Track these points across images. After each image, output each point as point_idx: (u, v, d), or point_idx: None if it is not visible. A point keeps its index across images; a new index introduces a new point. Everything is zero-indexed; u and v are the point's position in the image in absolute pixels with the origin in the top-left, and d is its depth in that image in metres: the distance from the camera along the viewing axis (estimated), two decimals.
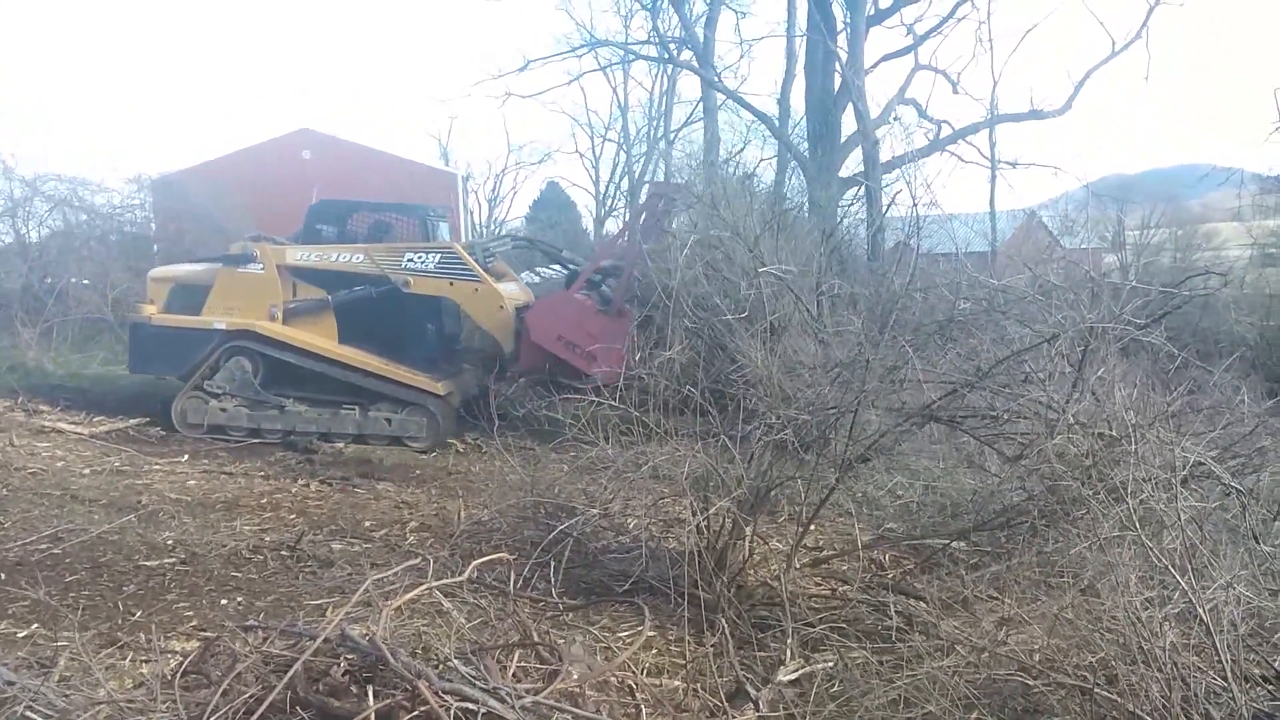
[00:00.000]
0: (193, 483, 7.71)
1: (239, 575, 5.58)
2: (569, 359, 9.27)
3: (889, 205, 14.39)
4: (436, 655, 3.54)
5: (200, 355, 9.74)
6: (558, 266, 12.93)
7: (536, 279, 18.33)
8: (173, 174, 20.92)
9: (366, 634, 3.38)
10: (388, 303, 9.72)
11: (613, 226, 39.33)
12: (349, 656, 3.33)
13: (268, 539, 6.18)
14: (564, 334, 9.32)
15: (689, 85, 34.77)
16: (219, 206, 18.30)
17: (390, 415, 9.43)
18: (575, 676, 3.39)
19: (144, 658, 4.22)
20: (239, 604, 5.14)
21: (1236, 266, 19.73)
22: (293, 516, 6.82)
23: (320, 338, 9.76)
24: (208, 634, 4.35)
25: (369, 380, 9.58)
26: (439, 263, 9.61)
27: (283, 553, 5.91)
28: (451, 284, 9.63)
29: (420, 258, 9.63)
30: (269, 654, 3.45)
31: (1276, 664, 3.64)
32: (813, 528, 5.79)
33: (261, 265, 9.84)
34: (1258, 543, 4.06)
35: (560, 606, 4.88)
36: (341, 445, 9.36)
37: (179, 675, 3.56)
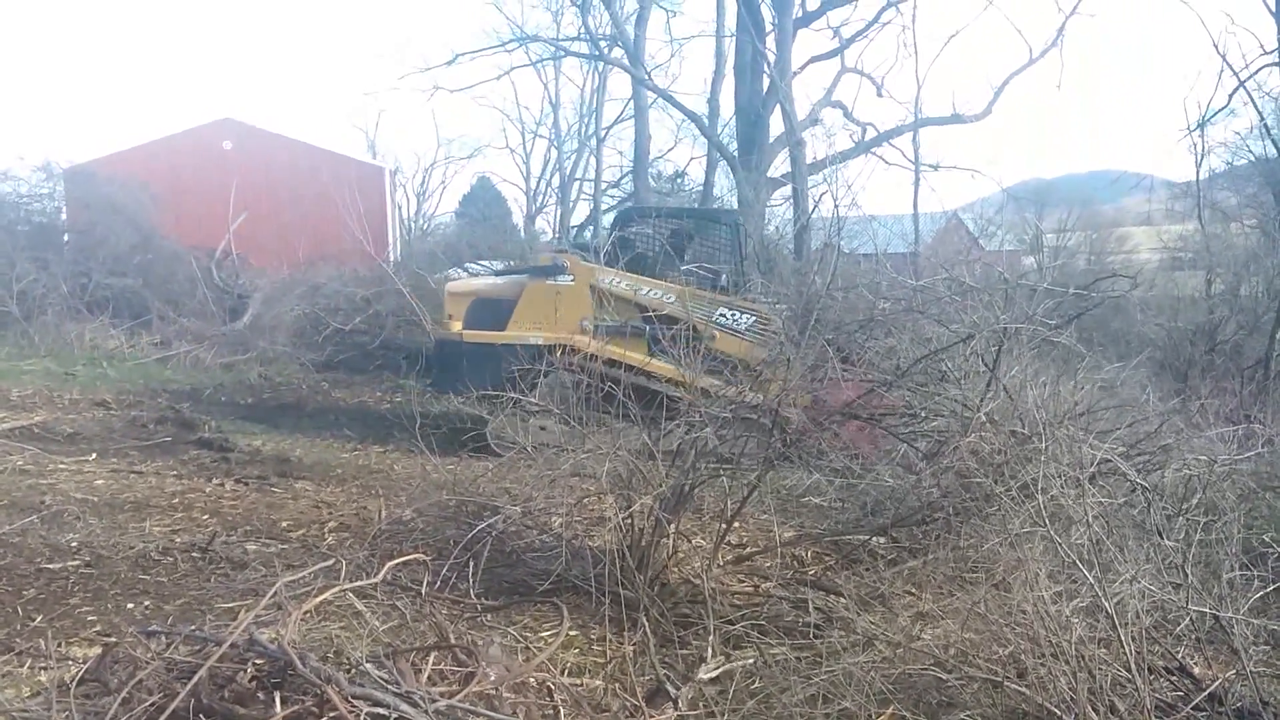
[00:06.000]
0: (100, 482, 7.43)
1: (147, 578, 5.38)
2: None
3: (814, 206, 14.59)
4: (349, 659, 3.45)
5: (516, 370, 9.25)
6: (485, 263, 12.72)
7: (465, 274, 18.18)
8: (85, 163, 20.19)
9: (275, 638, 3.28)
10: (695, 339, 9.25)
11: (543, 223, 39.17)
12: (257, 662, 3.23)
13: (178, 540, 5.98)
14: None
15: (620, 83, 34.87)
16: (134, 198, 17.73)
17: (722, 432, 8.31)
18: (492, 678, 3.34)
19: (42, 665, 4.04)
20: (146, 608, 4.95)
21: (1147, 269, 20.46)
22: (206, 517, 6.61)
23: (635, 353, 9.20)
24: (111, 639, 4.18)
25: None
26: (749, 326, 9.04)
27: (194, 554, 5.72)
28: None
29: (733, 316, 9.03)
30: (172, 660, 3.32)
31: (1180, 656, 3.76)
32: (736, 525, 5.82)
33: (572, 277, 9.36)
34: (1161, 538, 4.19)
35: (479, 607, 4.81)
36: (259, 444, 9.11)
37: (77, 683, 3.42)
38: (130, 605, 4.97)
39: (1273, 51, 12.91)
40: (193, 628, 3.80)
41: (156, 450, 8.81)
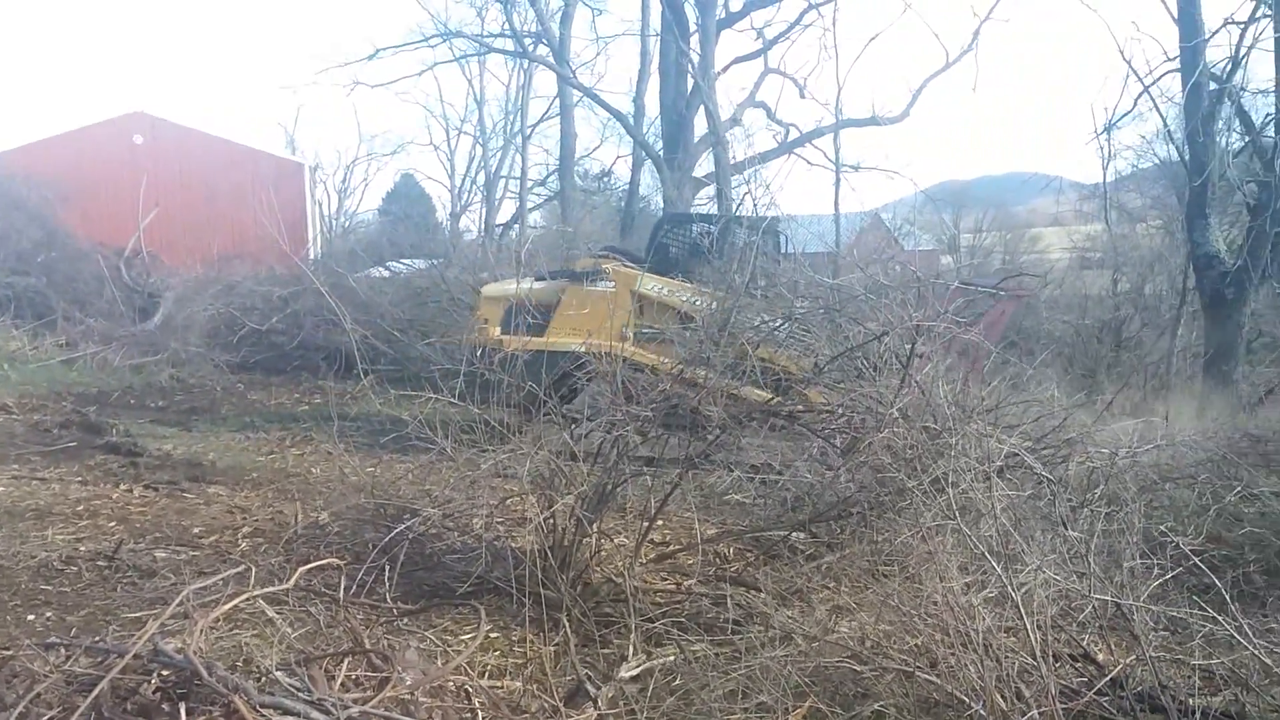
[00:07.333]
0: (0, 489, 7.13)
1: (49, 588, 5.18)
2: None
3: (738, 206, 14.71)
4: (259, 668, 3.37)
5: (556, 378, 8.86)
6: (407, 261, 12.51)
7: (386, 273, 17.94)
8: None
9: (181, 648, 3.19)
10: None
11: (468, 222, 38.82)
12: (162, 673, 3.14)
13: (83, 549, 5.77)
14: None
15: (546, 80, 34.67)
16: (38, 194, 17.11)
17: (746, 442, 7.88)
18: (408, 683, 3.30)
19: None
20: (48, 620, 4.76)
21: (1057, 268, 21.14)
22: (112, 524, 6.39)
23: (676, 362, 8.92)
24: (7, 653, 4.02)
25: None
26: (788, 334, 8.91)
27: (99, 563, 5.52)
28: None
29: (771, 321, 8.88)
30: (72, 673, 3.21)
31: (1084, 642, 3.89)
32: (660, 523, 5.84)
33: (613, 284, 9.09)
34: (1066, 528, 4.32)
35: (396, 611, 4.74)
36: (170, 448, 8.85)
37: None
38: (31, 617, 4.78)
39: (1175, 58, 13.40)
40: (95, 639, 3.68)
41: (60, 455, 8.50)
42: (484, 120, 39.77)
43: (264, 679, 3.16)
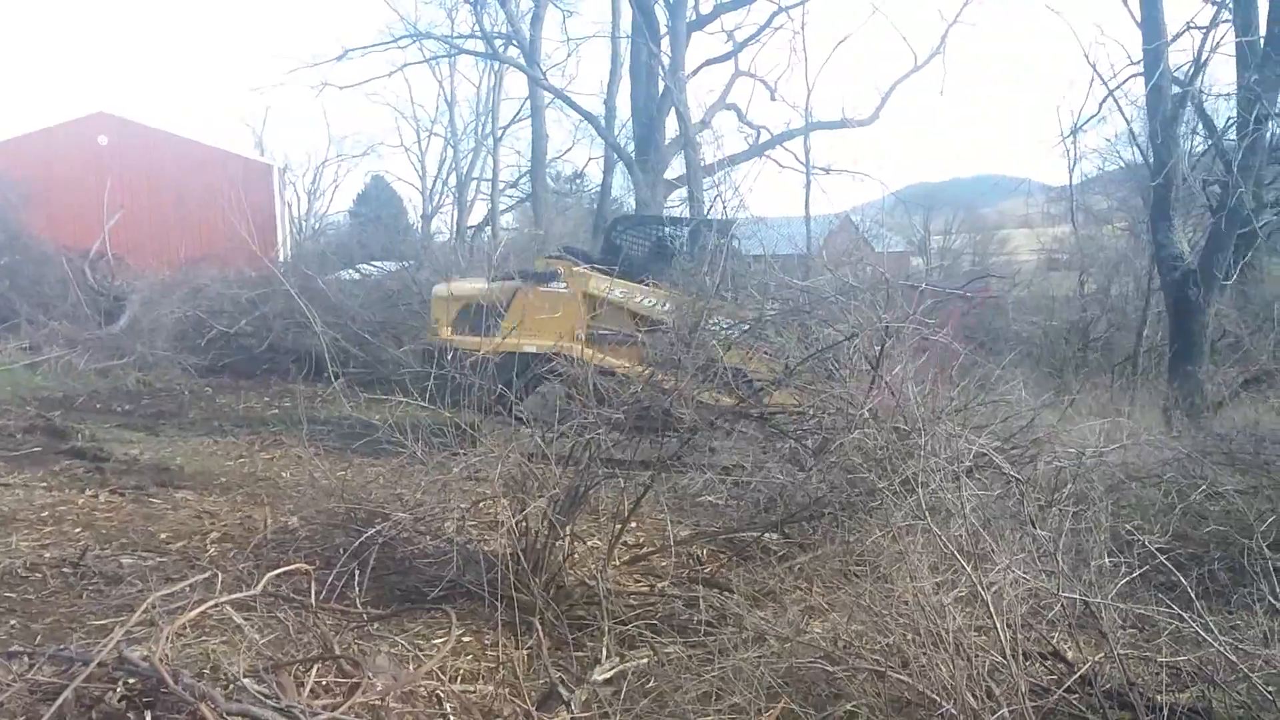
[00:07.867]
0: None
1: (13, 596, 5.09)
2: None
3: (709, 208, 14.78)
4: (227, 675, 3.33)
5: (508, 379, 8.70)
6: (378, 263, 12.44)
7: (357, 275, 17.82)
8: None
9: (146, 655, 3.15)
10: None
11: (440, 223, 38.68)
12: (128, 681, 3.10)
13: (48, 555, 5.68)
14: None
15: (517, 81, 34.63)
16: (0, 196, 16.85)
17: (718, 444, 7.58)
18: (379, 688, 3.27)
19: None
20: (12, 628, 4.68)
21: (1025, 270, 21.36)
22: (78, 530, 6.29)
23: (629, 363, 8.63)
24: None
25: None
26: (742, 333, 8.80)
27: (65, 570, 5.44)
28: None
29: (727, 325, 8.74)
30: (36, 682, 3.16)
31: (1053, 641, 3.92)
32: (634, 525, 5.84)
33: (566, 285, 9.07)
34: (1034, 528, 4.36)
35: (365, 616, 4.70)
36: (137, 452, 8.73)
37: None
38: None
39: (1138, 62, 13.55)
40: (60, 647, 3.63)
41: (25, 461, 8.36)
42: (455, 122, 39.67)
43: (231, 686, 3.13)
